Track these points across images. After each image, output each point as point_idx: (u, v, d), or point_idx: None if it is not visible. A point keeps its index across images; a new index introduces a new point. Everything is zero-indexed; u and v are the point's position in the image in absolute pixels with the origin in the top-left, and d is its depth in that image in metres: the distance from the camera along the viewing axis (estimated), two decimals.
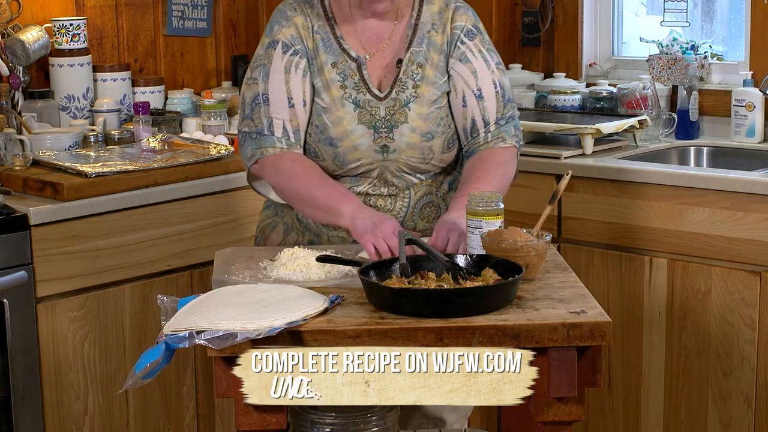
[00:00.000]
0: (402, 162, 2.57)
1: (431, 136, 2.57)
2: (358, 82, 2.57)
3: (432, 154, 2.58)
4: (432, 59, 2.60)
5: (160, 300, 2.15)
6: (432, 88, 2.59)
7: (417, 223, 2.62)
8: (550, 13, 4.24)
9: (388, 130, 2.55)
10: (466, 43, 2.61)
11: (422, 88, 2.58)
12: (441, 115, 2.58)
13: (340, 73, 2.57)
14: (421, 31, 2.62)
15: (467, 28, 2.62)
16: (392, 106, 2.57)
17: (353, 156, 2.55)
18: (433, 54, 2.60)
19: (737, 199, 3.22)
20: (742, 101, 3.77)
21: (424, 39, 2.61)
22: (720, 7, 4.11)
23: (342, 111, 2.55)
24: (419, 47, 2.60)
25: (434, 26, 2.62)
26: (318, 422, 2.22)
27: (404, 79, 2.58)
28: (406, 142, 2.56)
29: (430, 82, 2.59)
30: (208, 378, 3.36)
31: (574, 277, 2.30)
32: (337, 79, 2.57)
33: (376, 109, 2.56)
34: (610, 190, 3.44)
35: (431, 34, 2.61)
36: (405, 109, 2.57)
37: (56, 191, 3.09)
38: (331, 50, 2.58)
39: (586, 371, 2.06)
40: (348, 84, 2.57)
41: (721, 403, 3.31)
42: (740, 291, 3.23)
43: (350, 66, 2.58)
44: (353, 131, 2.54)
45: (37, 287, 3.03)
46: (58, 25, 3.70)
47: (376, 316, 2.07)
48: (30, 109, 3.64)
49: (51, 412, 3.10)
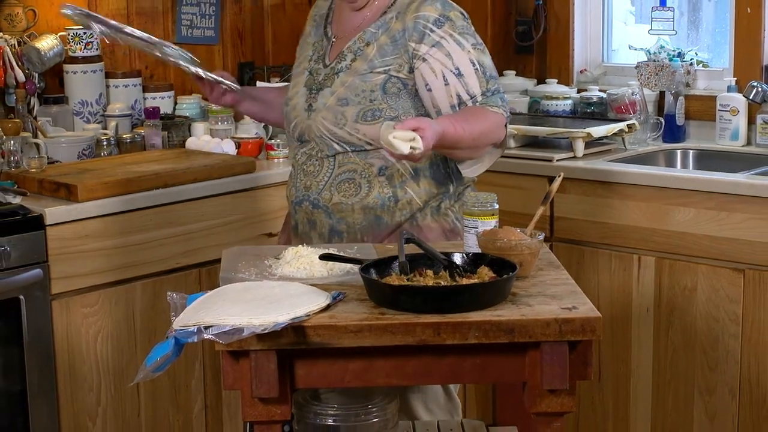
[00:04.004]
0: (319, 122, 2.63)
1: (346, 102, 2.61)
2: (320, 56, 2.73)
3: (344, 120, 2.60)
4: (379, 41, 2.63)
5: (170, 297, 2.15)
6: (365, 63, 2.63)
7: (333, 194, 2.64)
8: (543, 22, 4.24)
9: (316, 91, 2.67)
10: (436, 31, 2.61)
11: (357, 62, 2.64)
12: (363, 88, 2.60)
13: (314, 50, 2.75)
14: (385, 18, 2.66)
15: (434, 18, 2.63)
16: (328, 73, 2.68)
17: (293, 114, 2.70)
18: (383, 37, 2.64)
19: (722, 200, 3.22)
20: (727, 106, 3.77)
21: (383, 24, 2.65)
22: (705, 17, 4.11)
23: (300, 78, 2.74)
24: (375, 30, 2.65)
25: (398, 15, 2.64)
26: (320, 413, 2.23)
27: (346, 53, 2.67)
28: (324, 103, 2.63)
29: (367, 58, 2.63)
30: (216, 371, 3.36)
31: (566, 275, 2.30)
32: (309, 54, 2.76)
33: (318, 75, 2.69)
34: (600, 191, 3.44)
35: (391, 20, 2.65)
36: (335, 76, 2.65)
37: (70, 192, 3.09)
38: (317, 32, 2.78)
39: (578, 365, 2.06)
40: (314, 57, 2.74)
41: (707, 395, 3.31)
42: (725, 288, 3.23)
43: (323, 44, 2.75)
44: (297, 93, 2.72)
45: (52, 284, 3.03)
46: (71, 33, 3.70)
47: (377, 311, 2.07)
48: (45, 114, 3.64)
49: (65, 404, 3.10)
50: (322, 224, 2.66)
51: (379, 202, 2.62)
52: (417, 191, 2.64)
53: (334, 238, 2.65)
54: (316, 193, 2.64)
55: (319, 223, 2.66)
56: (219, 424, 3.44)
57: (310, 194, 2.66)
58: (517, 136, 3.69)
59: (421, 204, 2.65)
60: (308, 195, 2.66)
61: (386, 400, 2.26)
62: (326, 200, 2.63)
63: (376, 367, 2.07)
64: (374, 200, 2.62)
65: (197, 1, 4.09)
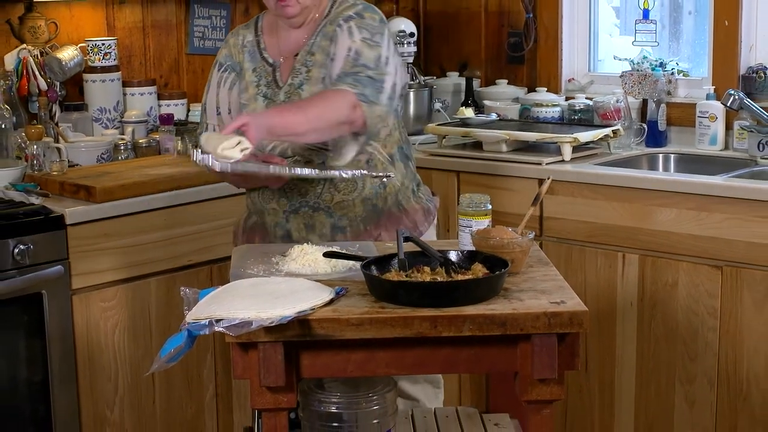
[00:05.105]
0: None
1: None
2: (270, 81, 2.67)
3: None
4: (322, 46, 2.63)
5: (183, 292, 2.15)
6: (320, 69, 2.61)
7: (334, 195, 2.63)
8: (533, 34, 4.23)
9: None
10: (342, 25, 2.62)
11: (313, 71, 2.62)
12: None
13: (257, 76, 2.69)
14: (320, 27, 2.66)
15: (347, 15, 2.63)
16: (288, 91, 2.64)
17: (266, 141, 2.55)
18: (322, 41, 2.63)
19: (701, 201, 3.22)
20: (706, 113, 3.76)
21: (320, 32, 2.65)
22: (686, 29, 4.11)
23: (255, 104, 2.67)
24: (314, 39, 2.65)
25: (331, 22, 2.65)
26: (324, 401, 2.22)
27: (298, 67, 2.64)
28: None
29: (318, 64, 2.62)
30: (226, 362, 3.36)
31: (555, 271, 2.30)
32: (254, 80, 2.69)
33: (277, 96, 2.64)
34: (586, 192, 3.44)
35: (326, 27, 2.65)
36: (299, 91, 2.62)
37: (90, 194, 3.09)
38: (254, 59, 2.71)
39: (566, 355, 2.06)
40: (262, 83, 2.68)
41: (687, 384, 3.31)
42: (704, 284, 3.23)
43: (266, 69, 2.69)
44: None
45: (72, 280, 3.03)
46: (91, 44, 3.70)
47: (377, 306, 2.07)
48: (66, 120, 3.63)
49: (85, 392, 3.10)
50: (323, 224, 2.65)
51: (373, 192, 2.64)
52: (395, 174, 2.67)
53: (337, 235, 2.65)
54: (315, 197, 2.63)
55: (318, 225, 2.65)
56: (229, 411, 3.43)
57: (308, 199, 2.64)
58: (509, 141, 3.69)
59: (399, 185, 2.68)
60: (306, 201, 2.64)
61: (386, 388, 2.26)
62: (328, 201, 2.62)
63: (377, 357, 2.07)
64: (369, 191, 2.64)
65: (209, 14, 4.09)
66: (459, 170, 3.71)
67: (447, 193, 3.66)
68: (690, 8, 4.09)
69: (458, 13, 4.46)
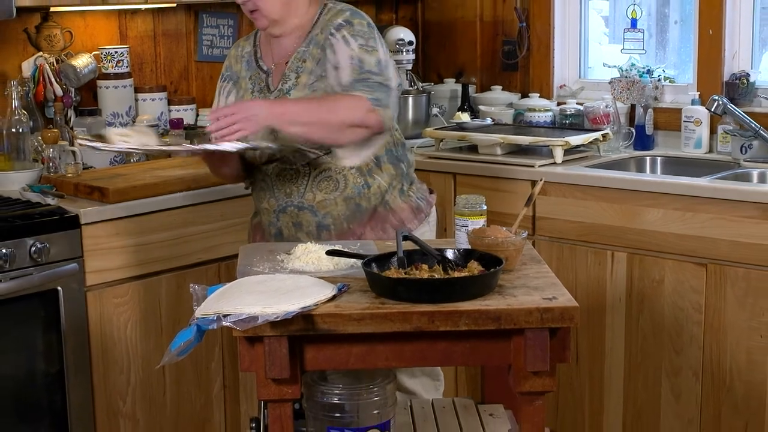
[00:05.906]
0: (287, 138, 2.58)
1: None
2: (263, 87, 2.70)
3: None
4: (312, 54, 2.64)
5: (192, 288, 2.15)
6: (309, 76, 2.62)
7: (316, 194, 2.64)
8: (526, 42, 4.24)
9: None
10: (335, 34, 2.62)
11: (302, 77, 2.64)
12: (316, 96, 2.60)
13: (253, 83, 2.73)
14: (311, 35, 2.67)
15: (337, 23, 2.64)
16: (278, 95, 2.65)
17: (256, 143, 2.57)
18: (313, 49, 2.64)
19: (687, 202, 3.22)
20: (691, 117, 3.77)
21: (311, 40, 2.66)
22: (672, 38, 4.11)
23: None
24: (306, 47, 2.66)
25: (321, 30, 2.65)
26: (327, 392, 2.22)
27: (288, 73, 2.66)
28: None
29: (308, 71, 2.63)
30: (233, 355, 3.36)
31: (547, 269, 2.30)
32: (249, 87, 2.73)
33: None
34: (577, 194, 3.44)
35: (317, 34, 2.66)
36: (287, 96, 2.63)
37: (103, 195, 3.09)
38: (250, 67, 2.75)
39: (557, 349, 2.06)
40: (255, 89, 2.71)
41: (673, 376, 3.31)
42: (689, 280, 3.23)
43: (261, 76, 2.72)
44: None
45: (86, 277, 3.03)
46: (104, 52, 3.70)
47: (377, 301, 2.07)
48: (80, 125, 3.63)
49: (99, 384, 3.10)
50: (309, 223, 2.66)
51: (355, 191, 2.65)
52: (382, 176, 2.68)
53: (322, 233, 2.66)
54: (299, 196, 2.65)
55: (305, 223, 2.66)
56: (236, 402, 3.43)
57: (293, 199, 2.66)
58: (503, 144, 3.69)
59: (387, 186, 2.68)
60: (291, 200, 2.66)
61: (386, 380, 2.26)
62: (310, 200, 2.64)
63: (377, 351, 2.07)
64: (351, 190, 2.64)
65: (216, 23, 4.09)
66: (455, 172, 3.71)
67: (444, 194, 3.66)
68: (676, 18, 4.09)
69: (455, 22, 4.46)
